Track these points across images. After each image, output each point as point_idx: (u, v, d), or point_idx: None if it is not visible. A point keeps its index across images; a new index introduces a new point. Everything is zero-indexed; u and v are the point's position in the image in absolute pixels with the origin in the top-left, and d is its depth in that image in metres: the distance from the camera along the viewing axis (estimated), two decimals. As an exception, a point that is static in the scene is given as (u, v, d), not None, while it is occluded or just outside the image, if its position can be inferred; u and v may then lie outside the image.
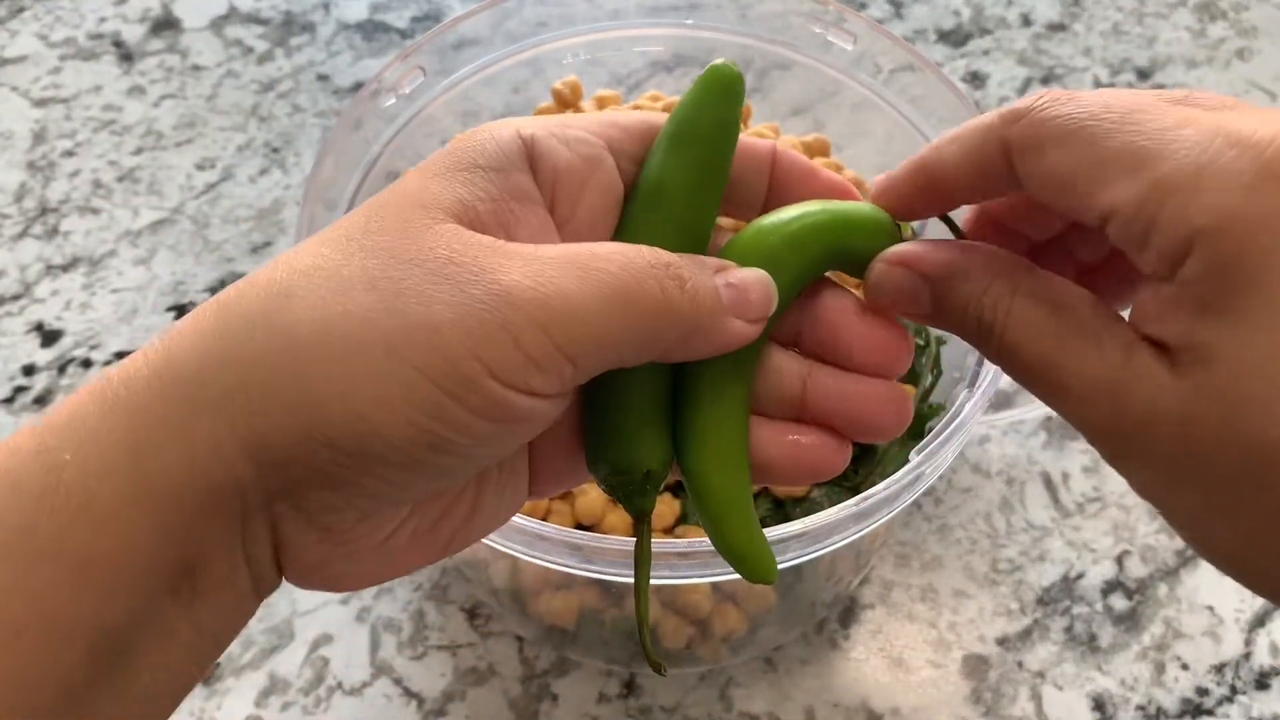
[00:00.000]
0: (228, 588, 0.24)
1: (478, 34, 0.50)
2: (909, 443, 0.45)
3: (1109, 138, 0.24)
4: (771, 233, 0.28)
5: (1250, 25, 0.75)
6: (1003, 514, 0.56)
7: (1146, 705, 0.50)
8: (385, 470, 0.24)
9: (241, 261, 0.64)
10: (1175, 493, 0.25)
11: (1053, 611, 0.53)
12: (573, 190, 0.27)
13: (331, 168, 0.46)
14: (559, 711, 0.50)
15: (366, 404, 0.23)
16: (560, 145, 0.27)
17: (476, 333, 0.23)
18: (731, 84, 0.28)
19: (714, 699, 0.51)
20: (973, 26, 0.75)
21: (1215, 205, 0.23)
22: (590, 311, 0.24)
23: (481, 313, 0.23)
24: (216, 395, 0.23)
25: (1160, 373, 0.24)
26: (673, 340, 0.26)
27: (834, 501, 0.39)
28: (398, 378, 0.23)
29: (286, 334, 0.23)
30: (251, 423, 0.23)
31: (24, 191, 0.66)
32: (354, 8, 0.75)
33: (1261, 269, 0.22)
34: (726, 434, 0.28)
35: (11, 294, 0.62)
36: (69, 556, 0.22)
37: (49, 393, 0.59)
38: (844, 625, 0.53)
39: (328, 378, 0.23)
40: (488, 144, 0.26)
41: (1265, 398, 0.22)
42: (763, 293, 0.27)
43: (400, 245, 0.24)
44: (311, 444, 0.23)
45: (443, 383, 0.23)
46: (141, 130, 0.69)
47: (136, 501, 0.23)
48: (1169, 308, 0.24)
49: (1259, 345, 0.22)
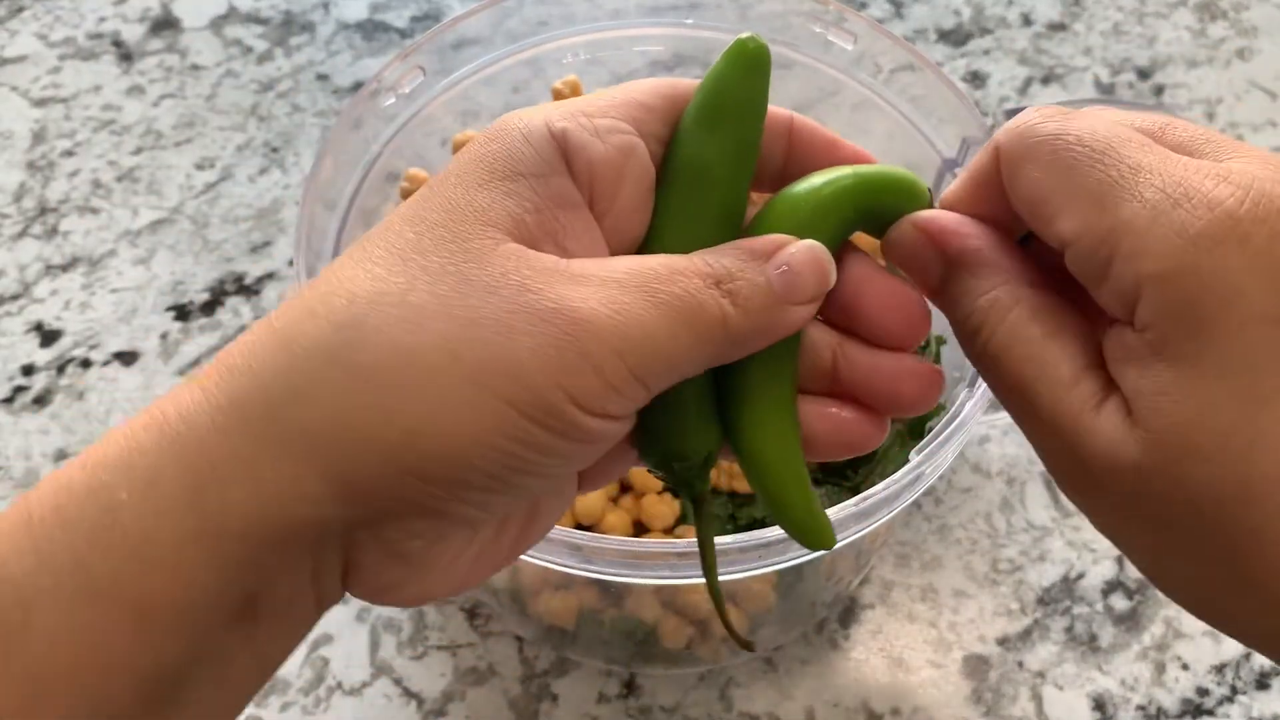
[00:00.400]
0: (289, 612, 0.24)
1: (478, 33, 0.50)
2: (909, 443, 0.45)
3: (1082, 169, 0.25)
4: (804, 200, 0.27)
5: (1250, 25, 0.75)
6: (1003, 514, 0.56)
7: (1147, 705, 0.50)
8: (471, 494, 0.24)
9: (241, 261, 0.64)
10: (1131, 533, 0.26)
11: (1053, 611, 0.53)
12: (610, 183, 0.27)
13: (331, 167, 0.46)
14: (559, 711, 0.50)
15: (457, 436, 0.23)
16: (593, 139, 0.26)
17: (558, 363, 0.23)
18: (759, 56, 0.27)
19: (714, 699, 0.50)
20: (973, 26, 0.75)
21: (1163, 254, 0.23)
22: (662, 338, 0.24)
23: (561, 343, 0.23)
24: (293, 433, 0.23)
25: (1120, 424, 0.24)
26: (730, 351, 0.26)
27: (834, 501, 0.39)
28: (487, 408, 0.23)
29: (366, 370, 0.23)
30: (335, 459, 0.23)
31: (23, 191, 0.66)
32: (353, 7, 0.75)
33: (1205, 321, 0.23)
34: (778, 410, 0.28)
35: (11, 294, 0.62)
36: (125, 598, 0.22)
37: (48, 392, 0.59)
38: (844, 625, 0.52)
39: (415, 414, 0.23)
40: (523, 148, 0.26)
41: (1209, 449, 0.23)
42: (817, 270, 0.26)
43: (467, 270, 0.24)
44: (401, 477, 0.23)
45: (529, 411, 0.23)
46: (141, 130, 0.69)
47: (197, 540, 0.23)
48: (1126, 352, 0.24)
49: (1202, 395, 0.23)
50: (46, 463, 0.57)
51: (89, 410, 0.58)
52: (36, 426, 0.58)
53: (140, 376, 0.59)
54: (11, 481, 0.56)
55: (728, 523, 0.47)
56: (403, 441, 0.23)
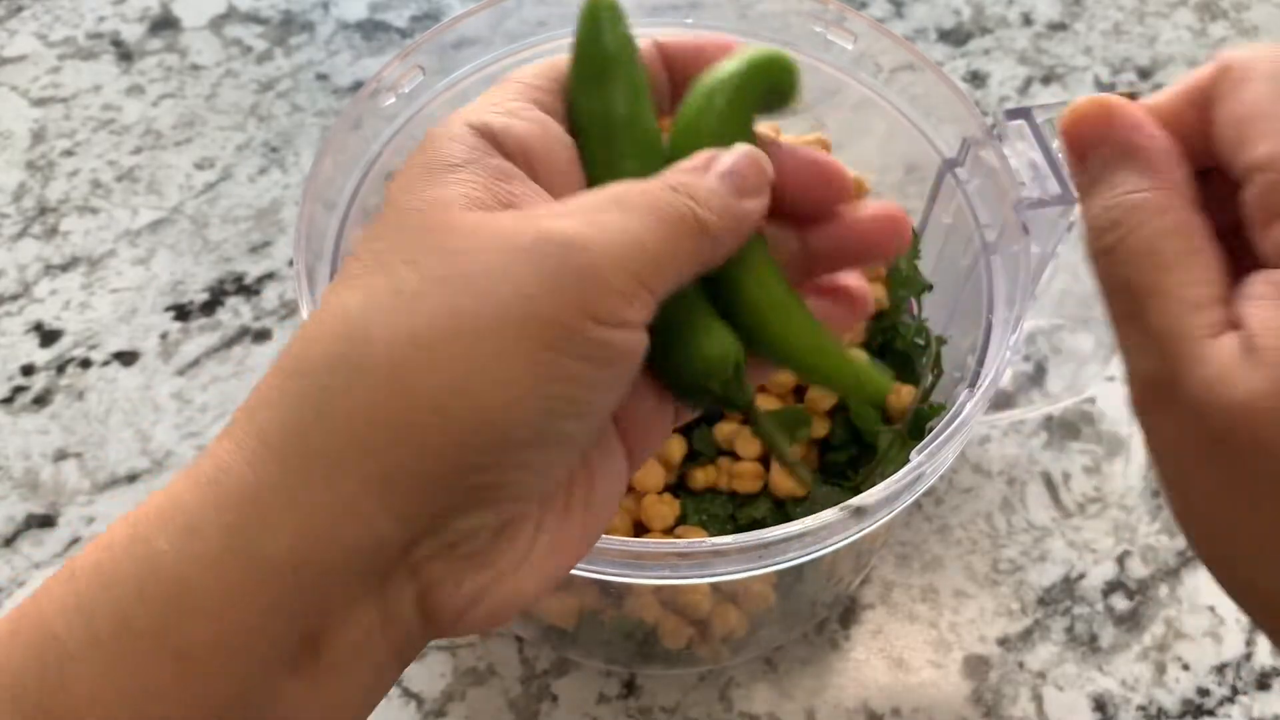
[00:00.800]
0: (361, 658, 0.24)
1: (477, 33, 0.50)
2: (909, 443, 0.45)
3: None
4: (707, 111, 0.29)
5: (1251, 25, 0.75)
6: (1003, 514, 0.56)
7: (1147, 706, 0.50)
8: (516, 455, 0.24)
9: (240, 261, 0.64)
10: (1197, 469, 0.25)
11: (1053, 612, 0.53)
12: (541, 154, 0.28)
13: (331, 167, 0.46)
14: (559, 711, 0.50)
15: (488, 396, 0.23)
16: (511, 119, 0.27)
17: (567, 285, 0.23)
18: (608, 6, 0.30)
19: (714, 699, 0.50)
20: (973, 26, 0.75)
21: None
22: (651, 241, 0.25)
23: (562, 268, 0.24)
24: (327, 453, 0.23)
25: (1238, 357, 0.24)
26: (712, 251, 0.27)
27: (834, 501, 0.39)
28: (510, 357, 0.23)
29: (379, 367, 0.23)
30: (373, 465, 0.23)
31: (23, 191, 0.66)
32: (353, 7, 0.75)
33: None
34: (780, 295, 0.29)
35: (10, 294, 0.62)
36: (165, 646, 0.22)
37: (48, 392, 0.59)
38: (844, 625, 0.52)
39: (439, 389, 0.23)
40: (452, 145, 0.26)
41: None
42: (755, 165, 0.27)
43: (446, 243, 0.24)
44: (443, 460, 0.23)
45: (552, 343, 0.23)
46: (140, 130, 0.69)
47: (240, 581, 0.22)
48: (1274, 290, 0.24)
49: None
50: (46, 463, 0.57)
51: (89, 410, 0.58)
52: (36, 426, 0.58)
53: (140, 376, 0.59)
54: (11, 481, 0.56)
55: (727, 523, 0.47)
56: (435, 423, 0.23)
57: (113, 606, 0.22)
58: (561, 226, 0.24)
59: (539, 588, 0.26)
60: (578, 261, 0.24)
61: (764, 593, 0.47)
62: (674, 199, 0.26)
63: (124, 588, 0.22)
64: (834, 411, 0.48)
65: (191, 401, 0.59)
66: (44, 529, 0.55)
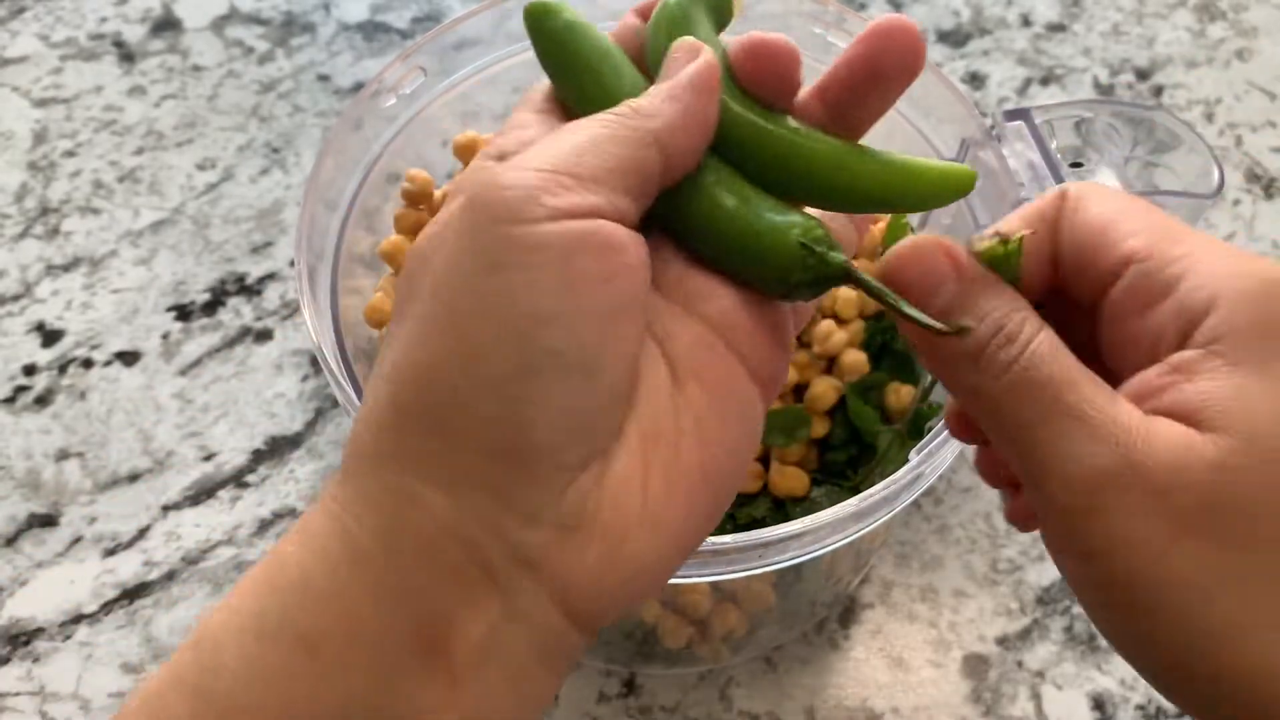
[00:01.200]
0: (493, 656, 0.23)
1: (478, 34, 0.50)
2: (908, 442, 0.45)
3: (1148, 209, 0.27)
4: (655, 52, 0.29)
5: (1250, 25, 0.75)
6: (1002, 514, 0.56)
7: (1146, 705, 0.51)
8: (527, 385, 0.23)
9: (242, 261, 0.64)
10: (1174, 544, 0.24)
11: (1052, 611, 0.53)
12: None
13: (332, 168, 0.46)
14: (559, 711, 0.50)
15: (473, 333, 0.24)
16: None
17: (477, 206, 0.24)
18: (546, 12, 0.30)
19: (714, 699, 0.51)
20: (972, 27, 0.75)
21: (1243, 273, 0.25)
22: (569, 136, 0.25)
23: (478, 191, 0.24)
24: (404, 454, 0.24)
25: (1183, 432, 0.24)
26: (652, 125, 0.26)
27: (834, 501, 0.39)
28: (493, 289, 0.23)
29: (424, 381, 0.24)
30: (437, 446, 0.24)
31: (25, 191, 0.67)
32: (354, 8, 0.75)
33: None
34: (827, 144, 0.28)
35: (12, 294, 0.63)
36: (294, 634, 0.23)
37: (50, 392, 0.59)
38: (844, 625, 0.53)
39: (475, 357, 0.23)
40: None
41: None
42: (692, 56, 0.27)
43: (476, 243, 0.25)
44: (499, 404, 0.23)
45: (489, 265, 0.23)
46: (142, 130, 0.69)
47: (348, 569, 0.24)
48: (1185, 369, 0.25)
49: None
50: (48, 463, 0.57)
51: (90, 410, 0.58)
52: (38, 426, 0.58)
53: (142, 376, 0.60)
54: (13, 481, 0.56)
55: (727, 522, 0.47)
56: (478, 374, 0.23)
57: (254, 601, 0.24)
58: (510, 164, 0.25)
59: (669, 543, 0.25)
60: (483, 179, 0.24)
61: (763, 592, 0.48)
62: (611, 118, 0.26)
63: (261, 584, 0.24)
64: (833, 411, 0.48)
65: (193, 401, 0.59)
66: (46, 528, 0.55)
